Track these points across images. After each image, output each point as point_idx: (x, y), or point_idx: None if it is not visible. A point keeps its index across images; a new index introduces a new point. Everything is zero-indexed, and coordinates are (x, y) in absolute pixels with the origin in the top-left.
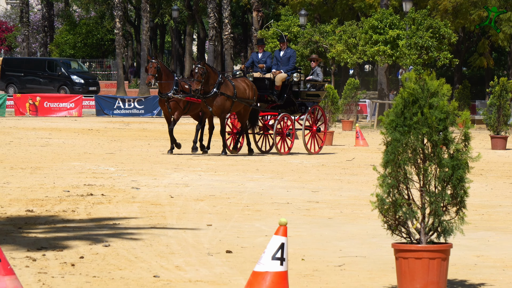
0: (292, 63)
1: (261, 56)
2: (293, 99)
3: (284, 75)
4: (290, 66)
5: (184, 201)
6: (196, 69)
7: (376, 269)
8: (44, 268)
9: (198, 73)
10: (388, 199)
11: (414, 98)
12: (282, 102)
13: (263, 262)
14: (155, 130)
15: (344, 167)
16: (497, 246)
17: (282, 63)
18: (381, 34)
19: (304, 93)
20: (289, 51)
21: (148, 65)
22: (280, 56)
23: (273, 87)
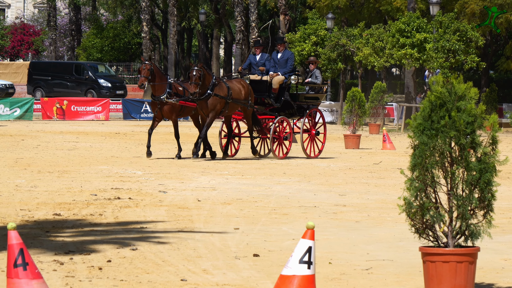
0: (290, 65)
1: (259, 58)
2: (291, 102)
3: (281, 78)
4: (287, 68)
5: (211, 205)
6: (194, 72)
7: (403, 272)
8: (72, 271)
9: (195, 76)
10: (415, 203)
11: (441, 101)
12: (280, 105)
13: (290, 266)
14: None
15: (371, 170)
16: None
17: (279, 65)
18: (408, 37)
19: (302, 96)
20: (287, 53)
21: (141, 67)
22: (278, 58)
23: (270, 89)
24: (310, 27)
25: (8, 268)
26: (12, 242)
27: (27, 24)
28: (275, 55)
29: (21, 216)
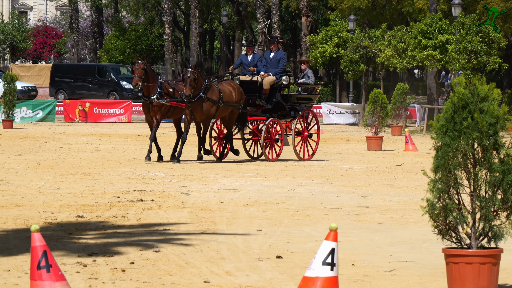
0: (282, 65)
1: (250, 59)
2: (283, 103)
3: (272, 78)
4: (279, 68)
5: (234, 207)
6: (188, 74)
7: (426, 274)
8: (95, 273)
9: (190, 78)
10: (438, 204)
11: (464, 103)
12: (271, 106)
13: (313, 268)
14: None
15: (393, 172)
16: None
17: (271, 65)
18: (430, 39)
19: (294, 97)
20: (280, 53)
21: (134, 67)
22: (270, 58)
23: (261, 90)
24: (332, 29)
25: (32, 270)
26: (36, 244)
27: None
28: (267, 54)
29: (44, 218)
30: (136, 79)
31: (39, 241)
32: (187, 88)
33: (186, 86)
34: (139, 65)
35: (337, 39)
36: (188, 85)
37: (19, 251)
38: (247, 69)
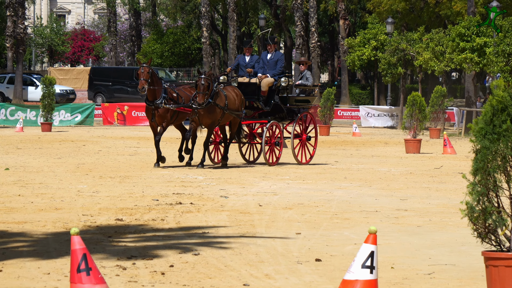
0: (280, 67)
1: (248, 60)
2: (282, 105)
3: (270, 80)
4: (277, 70)
5: (273, 210)
6: (202, 81)
7: (466, 277)
8: (134, 276)
9: (204, 86)
10: (477, 207)
11: (503, 105)
12: (269, 109)
13: (353, 271)
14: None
15: (432, 175)
16: None
17: (269, 67)
18: (468, 41)
19: (293, 99)
20: (277, 54)
21: (139, 70)
22: (267, 59)
23: (259, 92)
24: (369, 32)
25: (72, 273)
26: (75, 247)
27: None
28: (264, 55)
29: (83, 221)
30: (142, 82)
31: (78, 244)
32: (201, 96)
33: (199, 94)
34: (144, 68)
35: (375, 42)
36: (202, 93)
37: (59, 254)
38: (245, 71)
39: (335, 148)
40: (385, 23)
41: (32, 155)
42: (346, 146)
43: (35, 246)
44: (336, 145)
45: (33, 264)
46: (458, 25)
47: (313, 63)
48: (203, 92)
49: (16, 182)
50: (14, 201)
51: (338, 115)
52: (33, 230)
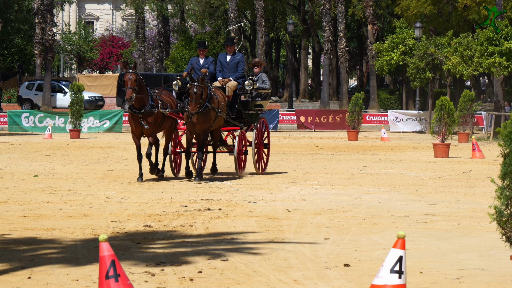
0: (242, 69)
1: (203, 62)
2: (243, 110)
3: (235, 83)
4: (239, 73)
5: (301, 215)
6: (194, 89)
7: (494, 281)
8: (163, 283)
9: (197, 94)
10: (506, 211)
11: None
12: (234, 115)
13: (381, 276)
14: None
15: (460, 179)
16: None
17: (229, 70)
18: (496, 45)
19: (252, 103)
20: (238, 56)
21: (126, 77)
22: (227, 61)
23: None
24: (398, 36)
25: (100, 279)
26: (104, 254)
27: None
28: (223, 58)
29: (112, 227)
30: (129, 91)
31: (107, 250)
32: (193, 105)
33: (192, 102)
34: (131, 75)
35: (403, 46)
36: (194, 102)
37: (87, 260)
38: (199, 73)
39: (363, 153)
40: (414, 28)
41: (61, 162)
42: (374, 151)
43: (64, 253)
44: (365, 150)
45: (61, 270)
46: (486, 29)
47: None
48: (195, 101)
49: (45, 189)
50: (42, 208)
51: (366, 120)
52: (62, 237)
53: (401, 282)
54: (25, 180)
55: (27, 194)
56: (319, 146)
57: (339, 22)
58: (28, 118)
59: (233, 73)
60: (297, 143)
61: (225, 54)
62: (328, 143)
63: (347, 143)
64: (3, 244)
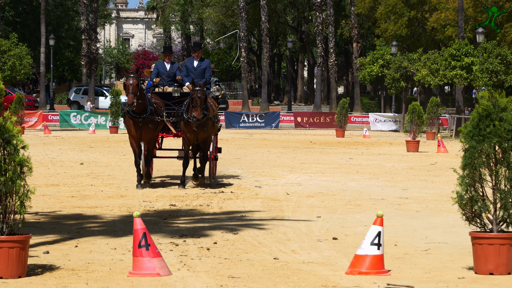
0: (209, 75)
1: (169, 67)
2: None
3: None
4: (207, 78)
5: (298, 198)
6: (198, 93)
7: (456, 253)
8: (185, 251)
9: (201, 98)
10: (466, 196)
11: (487, 112)
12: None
13: (363, 247)
14: (274, 139)
15: (428, 169)
16: None
17: (196, 75)
18: (458, 60)
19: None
20: (206, 62)
21: (127, 81)
22: (194, 67)
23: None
24: (377, 53)
25: (134, 248)
26: (137, 227)
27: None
28: (190, 63)
29: (143, 206)
30: (131, 96)
31: (140, 224)
32: (199, 110)
33: (197, 108)
34: (133, 79)
35: (382, 61)
36: (199, 107)
37: (123, 233)
38: (166, 79)
39: (349, 148)
40: (390, 46)
41: (102, 153)
42: (358, 146)
43: (104, 226)
44: (350, 145)
45: (102, 241)
46: (450, 47)
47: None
48: (200, 106)
49: (89, 174)
50: (87, 190)
51: (351, 121)
52: (103, 213)
53: (379, 252)
54: (73, 167)
55: (74, 179)
56: (312, 141)
57: (329, 41)
58: (76, 117)
59: (201, 78)
60: (295, 139)
61: (192, 59)
62: (320, 139)
63: (335, 139)
64: (55, 219)
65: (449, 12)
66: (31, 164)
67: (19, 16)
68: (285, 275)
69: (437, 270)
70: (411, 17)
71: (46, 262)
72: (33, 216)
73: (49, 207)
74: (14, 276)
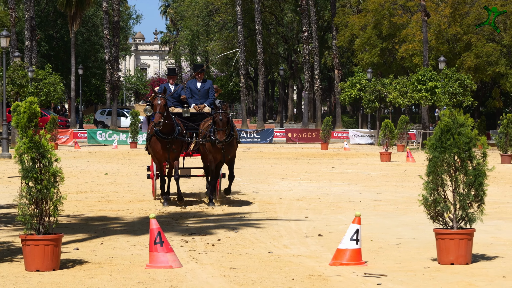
0: (212, 96)
1: (174, 89)
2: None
3: (209, 109)
4: (211, 99)
5: (289, 201)
6: (220, 116)
7: (422, 246)
8: (193, 247)
9: (223, 121)
10: (430, 198)
11: (448, 128)
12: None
13: (344, 242)
14: (268, 152)
15: (399, 176)
16: (506, 230)
17: (200, 96)
18: (423, 84)
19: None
20: (209, 82)
21: (155, 101)
22: (198, 88)
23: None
24: (355, 78)
25: (150, 244)
26: (153, 227)
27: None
28: (193, 85)
29: (158, 209)
30: (158, 116)
31: (155, 224)
32: (221, 133)
33: (219, 131)
34: (161, 100)
35: (359, 85)
36: (222, 130)
37: (142, 232)
38: (171, 100)
39: (332, 158)
40: (366, 72)
41: (123, 164)
42: (339, 157)
43: (126, 227)
44: (333, 156)
45: (124, 239)
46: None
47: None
48: (223, 129)
49: (112, 182)
50: (111, 196)
51: (334, 136)
52: (124, 216)
53: (357, 247)
54: (98, 176)
55: (100, 186)
56: (301, 153)
57: (315, 68)
58: (101, 134)
59: (205, 99)
60: (286, 152)
61: (194, 80)
62: (307, 152)
63: (320, 152)
64: (84, 220)
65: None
66: (63, 174)
67: (53, 50)
68: (278, 266)
69: (407, 261)
70: (383, 48)
71: (76, 257)
72: (65, 218)
73: (79, 211)
74: (49, 269)
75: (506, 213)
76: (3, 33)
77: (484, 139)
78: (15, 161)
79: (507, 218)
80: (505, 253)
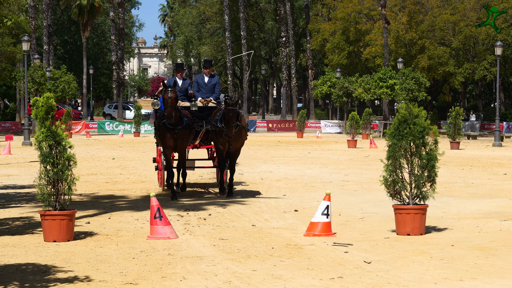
0: (219, 90)
1: (181, 83)
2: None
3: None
4: (217, 94)
5: (269, 181)
6: (230, 113)
7: (383, 220)
8: (188, 221)
9: (232, 117)
10: (390, 179)
11: (404, 119)
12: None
13: (316, 216)
14: (252, 140)
15: (363, 160)
16: (455, 206)
17: (207, 90)
18: (384, 82)
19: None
20: (216, 78)
21: (165, 94)
22: (205, 82)
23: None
24: (326, 77)
25: (151, 219)
26: (153, 204)
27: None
28: (200, 79)
29: (158, 189)
30: (170, 109)
31: (155, 202)
32: (231, 129)
33: (229, 126)
34: (171, 93)
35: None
36: (231, 125)
37: (143, 208)
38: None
39: (306, 145)
40: (335, 72)
41: (128, 151)
42: (312, 144)
43: (130, 204)
44: (307, 144)
45: (128, 214)
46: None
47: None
48: (233, 124)
49: (119, 166)
50: (117, 178)
51: (308, 126)
52: (129, 194)
53: (328, 220)
54: (107, 161)
55: (108, 169)
56: (280, 141)
57: (291, 68)
58: (109, 125)
59: (212, 93)
60: (267, 140)
61: (203, 75)
62: (285, 139)
63: (296, 139)
64: (94, 198)
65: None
66: (76, 159)
67: (67, 53)
68: (260, 237)
69: (370, 233)
70: (350, 51)
71: (87, 229)
72: (78, 196)
73: (90, 190)
74: (65, 240)
75: (455, 191)
76: (25, 38)
77: (436, 129)
78: (35, 148)
79: (455, 195)
80: (453, 225)
